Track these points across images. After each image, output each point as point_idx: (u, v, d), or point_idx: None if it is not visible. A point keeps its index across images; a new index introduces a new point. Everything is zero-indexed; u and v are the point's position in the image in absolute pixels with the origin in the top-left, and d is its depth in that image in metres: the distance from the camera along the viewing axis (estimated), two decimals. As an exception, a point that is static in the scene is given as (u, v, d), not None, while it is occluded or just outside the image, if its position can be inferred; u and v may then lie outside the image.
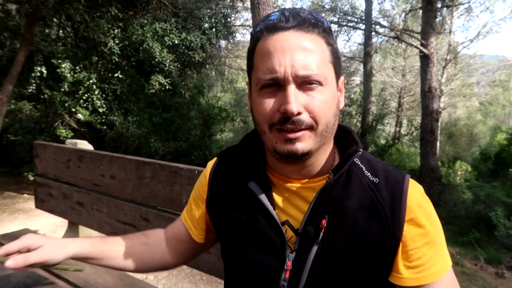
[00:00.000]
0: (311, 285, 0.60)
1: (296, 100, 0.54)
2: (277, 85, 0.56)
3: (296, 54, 0.54)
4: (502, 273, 4.05)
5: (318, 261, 0.60)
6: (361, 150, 0.63)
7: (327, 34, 0.59)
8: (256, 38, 0.59)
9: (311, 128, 0.56)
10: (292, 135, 0.56)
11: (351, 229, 0.60)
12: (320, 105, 0.56)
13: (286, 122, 0.55)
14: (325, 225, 0.60)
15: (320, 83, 0.56)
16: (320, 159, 0.63)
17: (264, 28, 0.58)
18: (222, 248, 0.74)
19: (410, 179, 0.63)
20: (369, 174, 0.63)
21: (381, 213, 0.59)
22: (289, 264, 0.62)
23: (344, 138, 0.68)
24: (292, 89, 0.54)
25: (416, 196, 0.61)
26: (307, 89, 0.56)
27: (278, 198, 0.65)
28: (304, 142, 0.56)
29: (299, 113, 0.55)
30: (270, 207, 0.63)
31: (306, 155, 0.57)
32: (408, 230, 0.59)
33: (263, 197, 0.63)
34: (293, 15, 0.56)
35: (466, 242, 5.42)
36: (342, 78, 0.64)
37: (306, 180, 0.64)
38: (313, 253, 0.60)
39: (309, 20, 0.57)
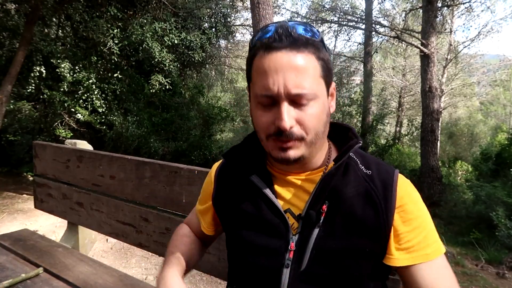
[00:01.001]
0: (313, 263, 0.66)
1: (288, 115, 0.61)
2: (272, 100, 0.62)
3: (288, 74, 0.60)
4: (503, 273, 4.04)
5: (319, 242, 0.66)
6: (361, 142, 0.69)
7: (318, 50, 0.63)
8: (253, 53, 0.65)
9: (301, 138, 0.63)
10: (284, 145, 0.63)
11: (349, 214, 0.66)
12: (310, 118, 0.62)
13: (280, 135, 0.62)
14: (325, 210, 0.67)
15: (311, 99, 0.62)
16: (315, 157, 0.70)
17: (260, 46, 0.63)
18: (227, 238, 0.80)
19: (399, 174, 0.70)
20: (363, 167, 0.70)
21: (375, 200, 0.66)
22: (292, 245, 0.67)
23: (343, 134, 0.76)
24: (285, 107, 0.61)
25: (405, 186, 0.69)
26: (299, 105, 0.62)
27: (279, 189, 0.72)
28: (295, 150, 0.64)
29: (291, 127, 0.61)
30: (272, 196, 0.70)
31: (298, 160, 0.65)
32: (398, 215, 0.66)
33: (265, 188, 0.70)
34: (285, 35, 0.61)
35: (466, 242, 5.41)
36: (333, 84, 0.69)
37: (305, 173, 0.71)
38: (315, 235, 0.66)
39: (301, 39, 0.61)
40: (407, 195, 0.67)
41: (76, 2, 5.82)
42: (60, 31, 6.97)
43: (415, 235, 0.65)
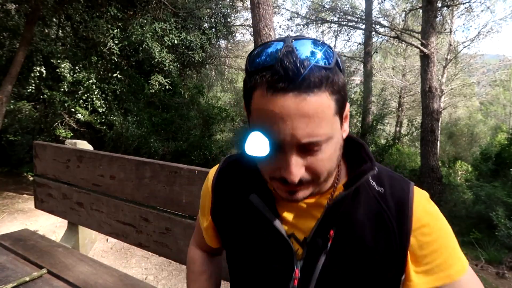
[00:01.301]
0: None
1: (297, 166, 0.52)
2: (277, 146, 0.53)
3: (297, 123, 0.49)
4: (503, 273, 4.04)
5: (326, 270, 0.61)
6: (376, 169, 0.61)
7: (333, 83, 0.51)
8: (252, 84, 0.53)
9: (311, 181, 0.55)
10: (292, 189, 0.56)
11: (358, 240, 0.60)
12: (322, 163, 0.54)
13: (286, 183, 0.54)
14: (332, 235, 0.61)
15: (324, 143, 0.52)
16: (325, 184, 0.62)
17: (260, 81, 0.51)
18: (227, 255, 0.75)
19: (415, 187, 0.63)
20: (374, 183, 0.63)
21: (387, 223, 0.60)
22: (297, 272, 0.62)
23: (354, 150, 0.66)
24: (293, 158, 0.51)
25: (423, 204, 0.61)
26: (309, 151, 0.52)
27: (282, 212, 0.65)
28: (304, 191, 0.56)
29: (300, 178, 0.53)
30: (275, 219, 0.63)
31: (306, 198, 0.58)
32: (415, 239, 0.59)
33: (266, 211, 0.64)
34: (293, 72, 0.47)
35: (466, 242, 5.41)
36: (347, 106, 0.58)
37: (311, 197, 0.62)
38: (321, 262, 0.61)
39: (313, 77, 0.48)
40: (425, 215, 0.60)
41: (76, 2, 5.83)
42: (60, 31, 6.98)
43: (435, 257, 0.59)
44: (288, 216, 0.64)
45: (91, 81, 6.06)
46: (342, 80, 0.53)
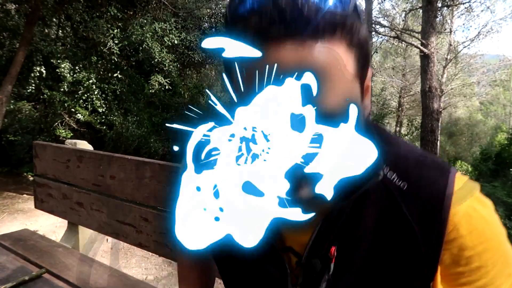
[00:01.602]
0: None
1: None
2: None
3: None
4: (503, 273, 4.05)
5: None
6: (381, 175, 0.43)
7: (351, 30, 0.36)
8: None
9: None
10: None
11: (369, 256, 0.46)
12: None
13: None
14: (334, 254, 0.46)
15: None
16: None
17: (245, 31, 0.35)
18: (219, 269, 0.65)
19: (458, 177, 0.44)
20: (394, 176, 0.45)
21: (408, 232, 0.44)
22: None
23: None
24: None
25: (467, 204, 0.43)
26: None
27: None
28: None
29: None
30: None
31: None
32: (449, 253, 0.43)
33: None
34: (292, 12, 0.32)
35: (466, 242, 5.43)
36: (370, 72, 0.43)
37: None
38: None
39: (322, 21, 0.33)
40: (468, 220, 0.42)
41: (76, 2, 5.83)
42: (60, 31, 6.98)
43: (478, 277, 0.43)
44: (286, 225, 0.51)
45: (91, 81, 6.06)
46: (363, 31, 0.38)
